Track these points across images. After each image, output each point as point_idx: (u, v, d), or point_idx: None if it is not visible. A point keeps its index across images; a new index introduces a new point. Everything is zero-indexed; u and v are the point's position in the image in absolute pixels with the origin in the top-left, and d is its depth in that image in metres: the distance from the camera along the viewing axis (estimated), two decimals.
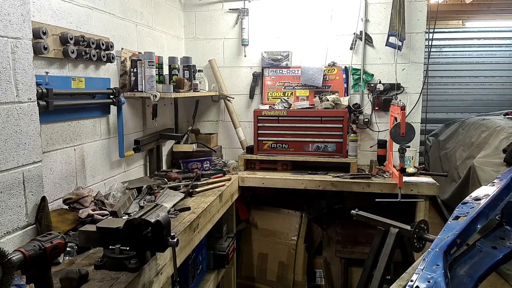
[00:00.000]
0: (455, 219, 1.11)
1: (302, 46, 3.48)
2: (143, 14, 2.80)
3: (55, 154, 1.94)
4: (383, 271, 2.04)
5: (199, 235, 2.18)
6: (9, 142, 1.46)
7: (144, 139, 2.70)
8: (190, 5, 3.61)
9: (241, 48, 3.54)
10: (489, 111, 5.80)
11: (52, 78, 1.82)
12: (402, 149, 2.63)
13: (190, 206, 2.25)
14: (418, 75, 3.36)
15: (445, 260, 0.97)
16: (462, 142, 4.82)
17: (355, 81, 3.43)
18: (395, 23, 3.18)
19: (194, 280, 2.40)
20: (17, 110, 1.49)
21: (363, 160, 3.38)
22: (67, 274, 1.32)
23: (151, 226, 1.42)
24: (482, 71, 6.50)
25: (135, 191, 2.30)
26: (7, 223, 1.46)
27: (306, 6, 3.42)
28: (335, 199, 3.36)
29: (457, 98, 6.56)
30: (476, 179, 3.82)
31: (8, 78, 1.45)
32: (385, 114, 3.38)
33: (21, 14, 1.50)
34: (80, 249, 1.61)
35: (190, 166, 3.04)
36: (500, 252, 1.21)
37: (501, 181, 1.24)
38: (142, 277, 1.48)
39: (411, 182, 2.83)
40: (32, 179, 1.57)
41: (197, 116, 3.63)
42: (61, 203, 1.91)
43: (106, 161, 2.39)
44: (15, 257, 1.05)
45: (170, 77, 2.85)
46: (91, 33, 2.15)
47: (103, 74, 2.32)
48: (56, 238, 1.20)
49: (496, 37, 6.48)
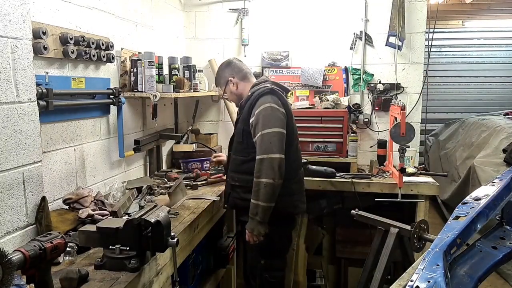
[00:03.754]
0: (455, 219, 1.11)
1: (302, 46, 3.47)
2: (143, 14, 2.80)
3: (55, 154, 1.94)
4: (383, 271, 2.04)
5: (199, 235, 2.18)
6: (9, 142, 1.46)
7: (144, 139, 2.70)
8: (190, 5, 3.61)
9: (241, 48, 3.54)
10: (489, 111, 5.80)
11: (52, 78, 1.82)
12: (402, 149, 2.63)
13: (191, 206, 2.25)
14: (418, 75, 3.36)
15: (445, 260, 0.97)
16: (462, 142, 4.82)
17: (355, 81, 3.43)
18: (395, 23, 3.18)
19: (194, 280, 2.40)
20: (17, 110, 1.49)
21: (363, 160, 3.38)
22: (67, 274, 1.32)
23: (151, 226, 1.42)
24: (482, 71, 6.50)
25: (135, 191, 2.31)
26: (7, 223, 1.46)
27: (306, 6, 3.42)
28: (335, 199, 3.36)
29: (457, 98, 6.56)
30: (476, 179, 3.83)
31: (8, 78, 1.45)
32: (385, 114, 3.38)
33: (21, 14, 1.50)
34: (80, 249, 1.61)
35: (190, 166, 3.04)
36: (500, 252, 1.21)
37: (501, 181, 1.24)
38: (142, 277, 1.48)
39: (411, 182, 2.83)
40: (32, 179, 1.57)
41: (197, 116, 3.63)
42: (61, 203, 1.91)
43: (106, 161, 2.39)
44: (15, 257, 1.05)
45: (170, 77, 2.85)
46: (91, 33, 2.15)
47: (103, 74, 2.32)
48: (56, 238, 1.20)
49: (496, 37, 6.49)
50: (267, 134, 2.03)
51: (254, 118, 2.09)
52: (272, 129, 2.04)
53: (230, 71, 2.36)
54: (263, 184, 2.01)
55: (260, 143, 2.05)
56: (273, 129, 2.04)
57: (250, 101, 2.16)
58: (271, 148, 2.03)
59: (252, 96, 2.17)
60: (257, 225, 2.06)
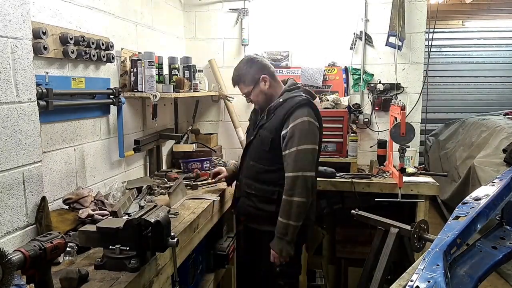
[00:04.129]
0: (455, 219, 1.11)
1: (302, 46, 3.47)
2: (143, 14, 2.80)
3: (55, 154, 1.94)
4: (383, 271, 2.04)
5: (199, 235, 2.18)
6: (9, 142, 1.46)
7: (144, 139, 2.70)
8: (190, 5, 3.61)
9: (241, 48, 3.54)
10: (489, 111, 5.80)
11: (52, 78, 1.82)
12: (402, 149, 2.63)
13: (191, 206, 2.25)
14: (418, 75, 3.36)
15: (445, 260, 0.97)
16: (462, 142, 4.82)
17: (355, 81, 3.43)
18: (395, 23, 3.18)
19: (194, 280, 2.40)
20: (17, 110, 1.49)
21: (363, 160, 3.38)
22: (67, 274, 1.32)
23: (151, 226, 1.42)
24: (482, 71, 6.50)
25: (135, 191, 2.31)
26: (7, 223, 1.46)
27: (306, 6, 3.42)
28: (335, 199, 3.35)
29: (457, 98, 6.57)
30: (476, 179, 3.83)
31: (8, 78, 1.45)
32: (385, 114, 3.39)
33: (21, 14, 1.50)
34: (80, 249, 1.61)
35: (190, 166, 3.03)
36: (500, 252, 1.21)
37: (501, 181, 1.24)
38: (142, 277, 1.48)
39: (411, 182, 2.83)
40: (32, 179, 1.57)
41: (197, 116, 3.63)
42: (61, 203, 1.91)
43: (106, 161, 2.39)
44: (15, 257, 1.05)
45: (170, 77, 2.85)
46: (91, 33, 2.15)
47: (103, 74, 2.32)
48: (56, 238, 1.20)
49: (496, 37, 6.49)
50: (303, 150, 1.96)
51: (289, 130, 1.99)
52: (308, 145, 1.97)
53: (260, 68, 2.16)
54: (295, 203, 1.94)
55: (294, 159, 1.97)
56: (309, 145, 1.98)
57: (284, 110, 2.03)
58: (306, 165, 1.96)
59: (285, 104, 2.05)
60: (286, 245, 1.99)
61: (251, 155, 2.19)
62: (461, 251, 1.13)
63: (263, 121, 2.15)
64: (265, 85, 2.15)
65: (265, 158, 2.11)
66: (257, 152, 2.15)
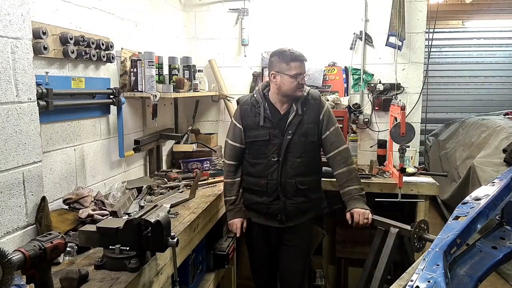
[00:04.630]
0: (455, 219, 1.11)
1: (302, 46, 3.43)
2: (143, 14, 2.80)
3: (55, 154, 1.94)
4: (383, 271, 2.04)
5: (199, 235, 2.18)
6: (9, 142, 1.46)
7: (144, 139, 2.70)
8: (190, 5, 3.61)
9: (241, 48, 3.54)
10: (489, 111, 5.80)
11: (52, 78, 1.82)
12: (402, 149, 2.63)
13: (191, 206, 2.25)
14: (418, 75, 3.36)
15: (445, 260, 0.97)
16: (462, 142, 4.82)
17: (355, 81, 3.43)
18: (395, 23, 3.18)
19: (194, 280, 2.40)
20: (17, 110, 1.49)
21: (363, 160, 3.38)
22: (67, 274, 1.32)
23: (151, 226, 1.42)
24: (482, 71, 6.50)
25: (135, 191, 2.31)
26: (7, 223, 1.46)
27: (306, 6, 3.42)
28: (335, 199, 3.35)
29: (457, 98, 6.56)
30: (476, 179, 3.83)
31: (8, 78, 1.45)
32: (385, 114, 3.38)
33: (21, 14, 1.50)
34: (80, 249, 1.61)
35: (190, 166, 3.03)
36: (500, 252, 1.21)
37: (501, 181, 1.24)
38: (142, 277, 1.48)
39: (411, 182, 2.83)
40: (32, 179, 1.57)
41: (197, 116, 3.63)
42: (61, 203, 1.91)
43: (106, 161, 2.39)
44: (15, 257, 1.05)
45: (170, 77, 2.85)
46: (91, 33, 2.15)
47: (103, 74, 2.32)
48: (56, 238, 1.20)
49: (496, 37, 6.49)
50: (338, 128, 2.34)
51: (324, 114, 2.29)
52: (337, 124, 2.36)
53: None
54: (355, 169, 2.32)
55: (337, 135, 2.31)
56: (337, 124, 2.36)
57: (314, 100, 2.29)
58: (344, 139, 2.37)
59: (310, 97, 2.29)
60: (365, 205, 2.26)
61: (294, 154, 2.25)
62: (461, 251, 1.13)
63: (298, 116, 2.24)
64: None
65: (311, 149, 2.29)
66: (302, 147, 2.25)
